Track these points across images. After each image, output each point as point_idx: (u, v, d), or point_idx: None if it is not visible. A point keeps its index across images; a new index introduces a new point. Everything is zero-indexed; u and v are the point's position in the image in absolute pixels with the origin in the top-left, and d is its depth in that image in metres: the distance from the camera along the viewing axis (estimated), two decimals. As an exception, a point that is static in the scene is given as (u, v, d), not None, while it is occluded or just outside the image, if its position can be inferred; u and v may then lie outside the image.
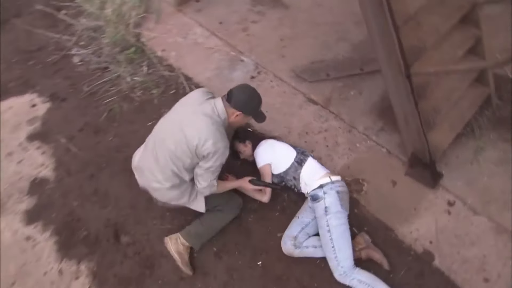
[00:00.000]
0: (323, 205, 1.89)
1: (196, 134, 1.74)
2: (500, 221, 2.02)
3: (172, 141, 1.80)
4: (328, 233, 1.85)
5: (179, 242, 2.00)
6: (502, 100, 2.49)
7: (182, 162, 1.81)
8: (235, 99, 1.82)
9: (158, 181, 1.86)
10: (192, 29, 3.19)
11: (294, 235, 1.99)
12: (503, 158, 2.25)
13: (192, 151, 1.76)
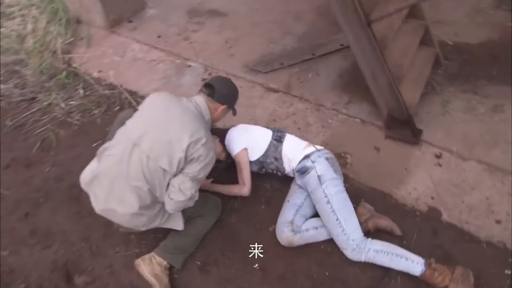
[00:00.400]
0: (315, 175, 1.66)
1: (187, 132, 1.43)
2: (489, 161, 1.95)
3: (153, 146, 1.42)
4: (328, 204, 1.60)
5: (155, 262, 1.60)
6: (447, 60, 2.59)
7: (163, 174, 1.43)
8: (219, 92, 1.64)
9: (123, 202, 1.43)
10: (129, 46, 2.96)
11: (289, 219, 1.70)
12: (468, 106, 2.26)
13: (181, 155, 1.42)
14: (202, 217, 1.71)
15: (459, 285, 1.48)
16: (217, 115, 1.69)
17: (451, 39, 2.76)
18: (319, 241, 1.72)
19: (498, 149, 2.00)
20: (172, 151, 1.42)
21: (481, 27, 2.88)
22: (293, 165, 1.76)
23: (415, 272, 1.53)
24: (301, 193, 1.79)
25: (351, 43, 1.91)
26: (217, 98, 1.63)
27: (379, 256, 1.55)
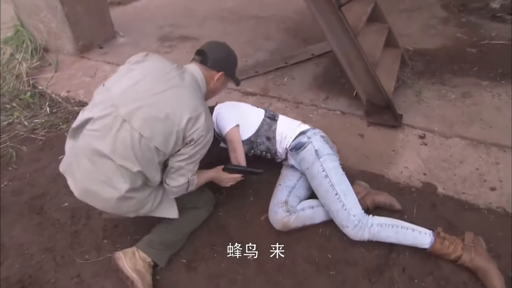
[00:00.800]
0: (312, 149, 1.56)
1: (187, 107, 1.22)
2: (471, 137, 1.97)
3: (147, 123, 1.19)
4: (327, 178, 1.49)
5: (138, 257, 1.37)
6: (412, 60, 2.75)
7: (157, 153, 1.22)
8: (212, 57, 1.39)
9: (108, 184, 1.19)
10: (100, 67, 2.90)
11: (283, 200, 1.56)
12: (439, 94, 2.34)
13: (179, 133, 1.21)
14: (194, 211, 1.54)
15: (472, 253, 1.36)
16: (214, 86, 1.43)
17: (412, 46, 2.97)
18: (316, 223, 1.58)
19: (476, 126, 2.04)
20: (168, 129, 1.20)
21: (434, 38, 3.15)
22: (287, 143, 1.64)
23: (424, 243, 1.40)
24: (293, 175, 1.68)
25: (325, 31, 1.97)
26: (211, 65, 1.38)
27: (384, 230, 1.42)
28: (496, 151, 1.88)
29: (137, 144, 1.18)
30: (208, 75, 1.39)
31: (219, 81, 1.44)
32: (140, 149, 1.19)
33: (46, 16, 2.92)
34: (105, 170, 1.19)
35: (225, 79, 1.47)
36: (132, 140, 1.18)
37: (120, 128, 1.18)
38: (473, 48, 2.94)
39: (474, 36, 3.15)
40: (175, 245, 1.49)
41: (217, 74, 1.40)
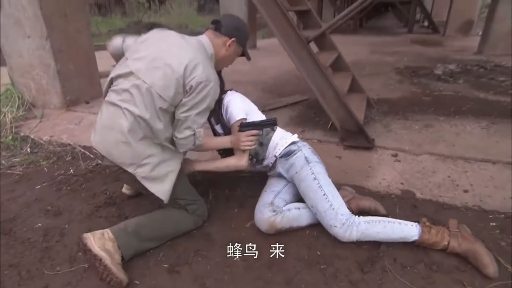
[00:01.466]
0: (302, 156, 1.61)
1: (184, 57, 1.31)
2: (438, 153, 2.12)
3: (150, 72, 1.32)
4: (316, 180, 1.53)
5: (107, 238, 1.32)
6: (377, 104, 3.07)
7: (160, 101, 1.31)
8: (226, 24, 1.49)
9: (115, 126, 1.33)
10: (86, 117, 3.00)
11: (269, 201, 1.58)
12: (405, 126, 2.58)
13: (178, 80, 1.30)
14: (182, 213, 1.52)
15: (459, 238, 1.39)
16: (225, 52, 1.50)
17: (376, 96, 3.33)
18: (302, 225, 1.56)
19: (441, 145, 2.23)
20: (168, 76, 1.30)
21: (394, 91, 3.57)
22: (278, 151, 1.67)
23: (412, 235, 1.41)
24: (279, 182, 1.70)
25: (298, 66, 2.23)
26: (224, 31, 1.47)
27: (372, 226, 1.42)
28: (463, 162, 2.02)
29: (141, 90, 1.31)
30: (220, 41, 1.48)
31: (231, 48, 1.50)
32: (142, 94, 1.31)
33: (38, 74, 3.11)
34: (116, 115, 1.34)
35: (236, 47, 1.53)
36: (138, 88, 1.31)
37: (128, 79, 1.34)
38: (427, 97, 3.33)
39: (426, 90, 3.60)
40: (148, 242, 1.42)
41: (228, 40, 1.48)
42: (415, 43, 7.68)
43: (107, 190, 1.95)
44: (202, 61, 1.35)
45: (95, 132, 1.45)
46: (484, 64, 4.70)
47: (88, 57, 3.34)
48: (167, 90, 1.31)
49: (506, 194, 1.76)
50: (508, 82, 3.79)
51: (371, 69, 4.73)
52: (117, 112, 1.34)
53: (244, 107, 1.64)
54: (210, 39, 1.48)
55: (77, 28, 3.15)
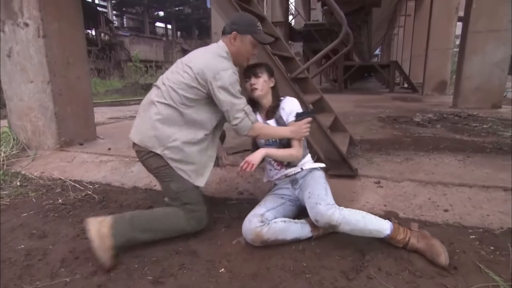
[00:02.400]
0: (323, 175, 1.80)
1: (200, 61, 1.60)
2: (418, 179, 2.22)
3: (176, 73, 1.63)
4: (324, 184, 1.70)
5: (104, 225, 1.46)
6: (360, 143, 3.23)
7: (183, 89, 1.58)
8: (226, 24, 1.71)
9: (149, 118, 1.61)
10: (78, 156, 3.07)
11: (260, 213, 1.63)
12: (387, 159, 2.70)
13: (194, 76, 1.57)
14: (178, 211, 1.61)
15: (419, 237, 1.50)
16: (235, 48, 1.67)
17: (359, 138, 3.51)
18: (288, 239, 1.58)
19: (421, 173, 2.33)
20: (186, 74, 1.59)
21: (376, 134, 3.77)
22: (307, 166, 1.81)
23: (385, 228, 1.50)
24: (276, 200, 1.77)
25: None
26: (227, 30, 1.67)
27: (353, 214, 1.49)
28: (442, 187, 2.11)
29: (169, 82, 1.62)
30: (227, 40, 1.68)
31: (237, 41, 1.67)
32: (172, 82, 1.61)
33: (36, 116, 3.25)
34: (145, 108, 1.67)
35: (242, 39, 1.67)
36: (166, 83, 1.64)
37: (161, 84, 1.66)
38: (407, 138, 3.53)
39: (406, 133, 3.81)
40: (140, 232, 1.52)
41: (231, 36, 1.66)
42: (396, 100, 8.22)
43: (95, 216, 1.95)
44: (213, 57, 1.61)
45: (133, 127, 1.71)
46: (458, 114, 5.04)
47: (86, 102, 3.53)
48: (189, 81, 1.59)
49: (483, 212, 1.82)
50: (480, 127, 4.05)
51: (355, 118, 5.02)
52: (149, 105, 1.64)
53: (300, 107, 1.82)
54: (225, 42, 1.69)
55: (78, 75, 3.38)
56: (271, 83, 1.82)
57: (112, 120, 5.73)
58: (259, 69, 1.78)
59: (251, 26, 1.70)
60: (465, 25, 6.04)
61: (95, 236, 1.40)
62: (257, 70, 1.77)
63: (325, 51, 2.52)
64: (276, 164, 1.86)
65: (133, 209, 2.05)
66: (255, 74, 1.76)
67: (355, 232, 1.48)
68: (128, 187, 2.43)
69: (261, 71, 1.77)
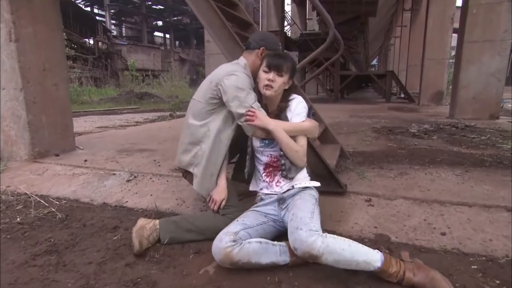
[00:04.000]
0: (315, 195, 1.64)
1: (217, 73, 1.70)
2: (413, 197, 2.02)
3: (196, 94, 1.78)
4: (313, 205, 1.52)
5: (152, 222, 1.64)
6: (352, 156, 3.04)
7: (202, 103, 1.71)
8: (253, 39, 1.75)
9: (182, 144, 1.78)
10: (51, 168, 2.87)
11: (234, 231, 1.44)
12: (380, 174, 2.51)
13: (212, 87, 1.67)
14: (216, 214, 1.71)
15: (414, 269, 1.29)
16: (260, 62, 1.68)
17: (351, 150, 3.33)
18: (262, 263, 1.38)
19: (416, 190, 2.14)
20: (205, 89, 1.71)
21: (370, 146, 3.59)
22: (299, 184, 1.63)
23: (375, 259, 1.28)
24: (257, 218, 1.58)
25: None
26: (253, 45, 1.72)
27: (338, 242, 1.29)
28: (438, 206, 1.92)
29: (191, 106, 1.80)
30: (253, 56, 1.72)
31: (263, 56, 1.69)
32: (192, 107, 1.78)
33: (8, 125, 3.06)
34: (184, 138, 1.80)
35: (267, 53, 1.70)
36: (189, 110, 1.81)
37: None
38: (402, 150, 3.35)
39: (402, 144, 3.63)
40: (185, 232, 1.65)
41: (258, 51, 1.71)
42: (392, 110, 8.08)
43: (53, 237, 1.75)
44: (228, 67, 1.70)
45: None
46: (456, 124, 4.88)
47: (63, 110, 3.33)
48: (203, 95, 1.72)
49: (485, 236, 1.63)
50: (478, 138, 3.89)
51: (349, 129, 4.85)
52: (183, 132, 1.81)
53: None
54: (245, 57, 1.75)
55: (55, 82, 3.20)
56: (287, 85, 1.64)
57: (100, 129, 5.54)
58: (285, 66, 1.57)
59: (277, 44, 1.78)
60: (460, 35, 5.94)
61: (138, 225, 1.59)
62: (284, 66, 1.57)
63: (312, 55, 2.36)
64: (266, 176, 1.69)
65: (97, 228, 1.85)
66: (278, 70, 1.56)
67: (340, 264, 1.28)
68: (97, 204, 2.22)
69: (287, 70, 1.58)
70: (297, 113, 1.63)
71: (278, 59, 1.57)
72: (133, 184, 2.48)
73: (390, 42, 22.39)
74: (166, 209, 2.11)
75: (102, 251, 1.59)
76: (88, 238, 1.73)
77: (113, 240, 1.70)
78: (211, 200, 1.70)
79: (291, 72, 1.61)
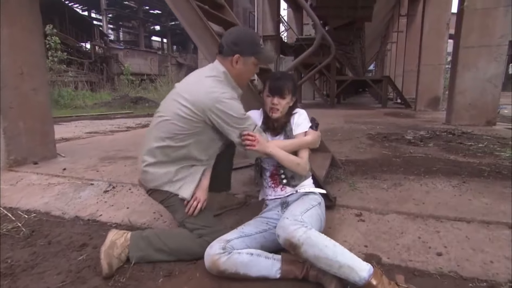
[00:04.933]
0: (319, 201, 1.60)
1: (196, 88, 1.46)
2: (407, 211, 1.89)
3: (167, 107, 1.51)
4: (314, 201, 1.55)
5: (123, 236, 1.48)
6: (345, 165, 2.90)
7: (175, 125, 1.46)
8: (224, 43, 1.50)
9: (143, 160, 1.55)
10: (26, 177, 2.71)
11: (228, 238, 1.37)
12: (372, 185, 2.37)
13: (194, 111, 1.43)
14: (191, 235, 1.50)
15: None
16: (237, 70, 1.50)
17: (344, 158, 3.20)
18: (251, 276, 1.31)
19: (410, 203, 2.00)
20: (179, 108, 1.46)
21: (363, 154, 3.46)
22: (303, 189, 1.64)
23: (362, 269, 1.19)
24: (258, 225, 1.51)
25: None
26: (226, 51, 1.48)
27: (322, 238, 1.23)
28: (434, 221, 1.78)
29: (159, 121, 1.53)
30: (227, 63, 1.50)
31: (239, 64, 1.50)
32: (162, 122, 1.51)
33: (-16, 132, 2.90)
34: (146, 147, 1.58)
35: (246, 59, 1.50)
36: (155, 123, 1.56)
37: (153, 121, 1.60)
38: (397, 158, 3.21)
39: (396, 152, 3.50)
40: (156, 252, 1.47)
41: (232, 58, 1.48)
42: (388, 115, 7.97)
43: (12, 257, 1.59)
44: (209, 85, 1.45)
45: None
46: (452, 131, 4.76)
47: (43, 116, 3.18)
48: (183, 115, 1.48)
49: (485, 257, 1.49)
50: (476, 146, 3.76)
51: (343, 135, 4.71)
52: (146, 143, 1.59)
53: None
54: (221, 63, 1.53)
55: (34, 86, 3.05)
56: (291, 103, 1.66)
57: (89, 134, 5.38)
58: (287, 89, 1.59)
59: (254, 45, 1.53)
60: (456, 40, 5.85)
61: (108, 242, 1.43)
62: (285, 90, 1.59)
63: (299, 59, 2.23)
64: (271, 182, 1.68)
65: (63, 246, 1.69)
66: (281, 94, 1.59)
67: (321, 262, 1.19)
68: (69, 217, 2.07)
69: (288, 91, 1.60)
70: (298, 123, 1.66)
71: (278, 83, 1.59)
72: (110, 195, 2.32)
73: (387, 47, 22.41)
74: (141, 223, 1.96)
75: (63, 274, 1.44)
76: (51, 258, 1.58)
77: (78, 261, 1.54)
78: (195, 199, 1.54)
79: (293, 91, 1.63)
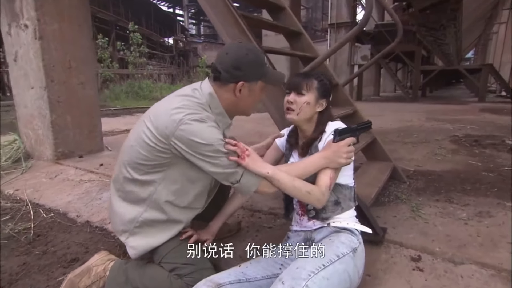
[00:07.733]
0: (355, 243, 1.14)
1: (159, 112, 1.13)
2: (494, 264, 1.27)
3: (135, 129, 1.20)
4: (348, 250, 1.09)
5: (105, 265, 1.27)
6: (411, 179, 2.28)
7: (138, 153, 1.14)
8: (222, 68, 1.13)
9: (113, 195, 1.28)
10: (65, 171, 2.73)
11: (219, 281, 1.01)
12: (445, 212, 1.75)
13: (158, 138, 1.09)
14: (168, 276, 1.17)
15: None
16: (241, 101, 1.17)
17: (413, 168, 2.55)
18: None
19: (502, 251, 1.37)
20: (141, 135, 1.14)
21: (440, 163, 2.75)
22: (338, 223, 1.20)
23: None
24: (266, 268, 1.12)
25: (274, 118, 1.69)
26: (225, 78, 1.13)
27: None
28: (540, 287, 1.15)
29: (124, 150, 1.23)
30: (226, 92, 1.16)
31: (244, 92, 1.16)
32: (126, 151, 1.21)
33: (37, 124, 3.02)
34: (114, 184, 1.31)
35: (251, 85, 1.16)
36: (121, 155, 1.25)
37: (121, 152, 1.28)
38: (490, 173, 2.43)
39: (490, 163, 2.68)
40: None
41: (236, 86, 1.14)
42: (485, 112, 6.61)
43: (3, 267, 1.48)
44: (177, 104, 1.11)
45: None
46: None
47: (91, 110, 3.21)
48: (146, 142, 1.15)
49: None
50: None
51: (419, 136, 3.91)
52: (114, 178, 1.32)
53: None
54: (215, 90, 1.17)
55: (82, 80, 3.08)
56: (319, 107, 1.23)
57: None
58: (305, 83, 1.21)
59: (259, 66, 1.17)
60: None
61: (84, 266, 1.27)
62: (303, 84, 1.21)
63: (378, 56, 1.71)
64: (299, 207, 1.27)
65: (54, 259, 1.53)
66: (298, 89, 1.21)
67: None
68: (80, 222, 1.93)
69: (309, 87, 1.21)
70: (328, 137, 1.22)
71: (297, 77, 1.24)
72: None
73: (492, 29, 18.97)
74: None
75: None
76: (34, 274, 1.42)
77: (56, 282, 1.35)
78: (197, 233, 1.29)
79: (320, 91, 1.21)
